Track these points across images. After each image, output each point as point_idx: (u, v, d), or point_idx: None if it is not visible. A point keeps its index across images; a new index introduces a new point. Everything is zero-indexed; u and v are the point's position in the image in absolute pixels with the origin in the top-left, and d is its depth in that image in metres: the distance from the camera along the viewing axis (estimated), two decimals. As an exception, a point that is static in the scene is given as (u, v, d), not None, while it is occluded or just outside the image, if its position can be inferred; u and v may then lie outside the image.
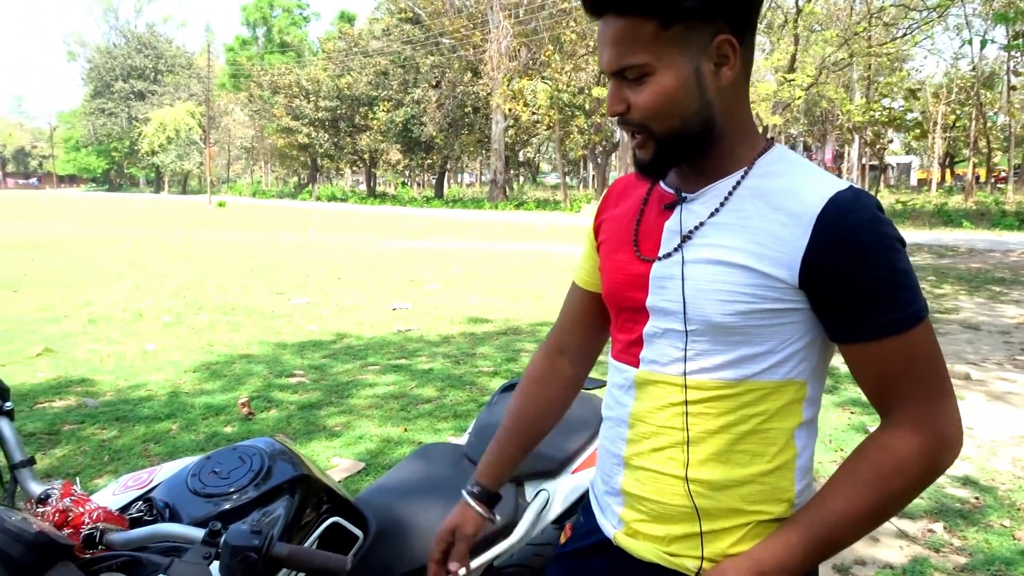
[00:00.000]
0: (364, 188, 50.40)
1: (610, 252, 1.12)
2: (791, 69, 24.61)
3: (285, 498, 1.27)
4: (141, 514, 1.21)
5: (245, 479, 1.27)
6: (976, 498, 3.26)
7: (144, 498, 1.26)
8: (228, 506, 1.24)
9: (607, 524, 1.13)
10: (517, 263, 12.44)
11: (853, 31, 25.02)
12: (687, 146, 0.98)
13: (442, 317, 7.48)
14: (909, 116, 29.46)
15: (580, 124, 32.12)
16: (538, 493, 1.69)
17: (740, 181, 0.98)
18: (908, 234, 18.46)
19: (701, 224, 0.99)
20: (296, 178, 60.90)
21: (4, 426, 1.21)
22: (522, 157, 47.79)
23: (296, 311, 7.81)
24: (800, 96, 25.18)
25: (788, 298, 0.94)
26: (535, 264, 12.31)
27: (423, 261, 12.76)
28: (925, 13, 23.59)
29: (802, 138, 47.46)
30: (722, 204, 0.98)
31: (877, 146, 30.29)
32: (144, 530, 1.08)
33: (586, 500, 1.25)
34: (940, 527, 2.98)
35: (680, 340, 0.99)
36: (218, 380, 5.07)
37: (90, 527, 1.06)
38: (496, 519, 1.31)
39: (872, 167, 40.50)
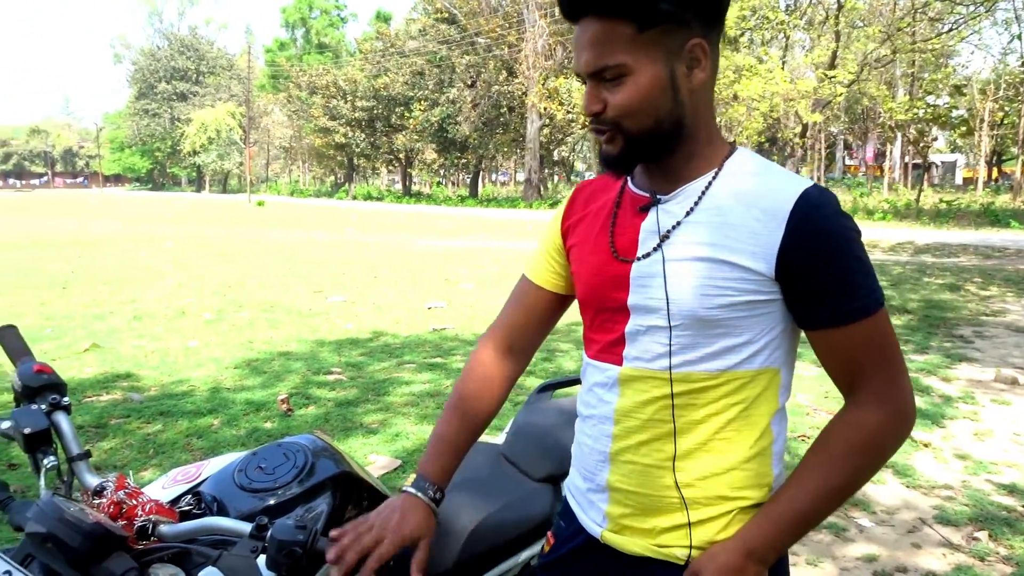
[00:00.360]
0: (400, 187, 50.79)
1: (585, 255, 1.14)
2: (832, 66, 24.16)
3: (327, 494, 1.30)
4: (190, 507, 1.25)
5: (289, 475, 1.30)
6: (1023, 506, 3.18)
7: (193, 492, 1.30)
8: (273, 501, 1.27)
9: (591, 523, 1.14)
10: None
11: (897, 27, 24.43)
12: (657, 144, 1.02)
13: (476, 316, 7.52)
14: (955, 113, 28.70)
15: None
16: None
17: (712, 182, 1.04)
18: (952, 234, 18.03)
19: (678, 223, 1.03)
20: (333, 177, 61.64)
21: (62, 420, 1.26)
22: (557, 156, 47.59)
23: (333, 309, 7.92)
24: (841, 93, 24.71)
25: (765, 290, 1.00)
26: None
27: (458, 260, 12.83)
28: (972, 8, 22.90)
29: (843, 136, 46.51)
30: (696, 204, 1.03)
31: (921, 144, 29.55)
32: (194, 523, 1.12)
33: (563, 505, 1.24)
34: (985, 535, 2.92)
35: (664, 336, 1.03)
36: (258, 376, 5.18)
37: (143, 519, 1.11)
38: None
39: (915, 165, 39.55)
